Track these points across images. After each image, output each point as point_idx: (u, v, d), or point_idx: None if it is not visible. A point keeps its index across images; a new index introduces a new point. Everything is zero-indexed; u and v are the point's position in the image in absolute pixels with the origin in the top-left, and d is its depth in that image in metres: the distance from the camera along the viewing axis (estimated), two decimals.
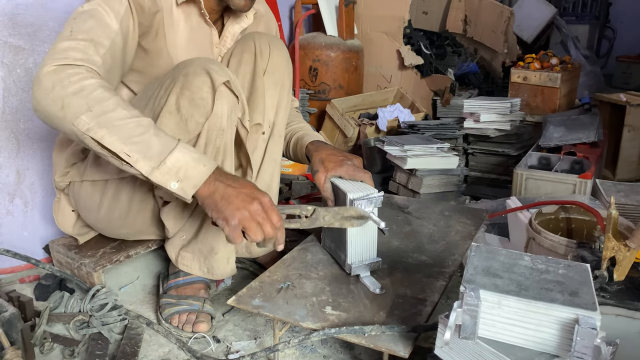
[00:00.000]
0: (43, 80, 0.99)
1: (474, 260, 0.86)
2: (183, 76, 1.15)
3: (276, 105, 1.36)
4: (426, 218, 1.48)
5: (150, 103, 1.19)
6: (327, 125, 2.65)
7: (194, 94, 1.14)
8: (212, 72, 1.14)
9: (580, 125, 2.11)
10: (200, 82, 1.14)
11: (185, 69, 1.16)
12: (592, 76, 3.80)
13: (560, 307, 0.73)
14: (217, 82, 1.14)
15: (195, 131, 1.17)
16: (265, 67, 1.33)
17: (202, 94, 1.15)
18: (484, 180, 2.26)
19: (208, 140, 1.19)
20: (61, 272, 1.40)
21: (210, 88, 1.15)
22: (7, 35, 1.43)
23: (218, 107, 1.16)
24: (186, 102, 1.15)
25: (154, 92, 1.20)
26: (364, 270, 1.17)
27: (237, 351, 1.20)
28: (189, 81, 1.14)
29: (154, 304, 1.39)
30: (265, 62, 1.33)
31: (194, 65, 1.15)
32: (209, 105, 1.16)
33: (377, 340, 0.96)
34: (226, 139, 1.21)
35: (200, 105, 1.15)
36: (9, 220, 1.53)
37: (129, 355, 1.16)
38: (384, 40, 2.97)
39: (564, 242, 1.24)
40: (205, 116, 1.16)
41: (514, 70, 2.62)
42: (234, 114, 1.21)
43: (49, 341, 1.19)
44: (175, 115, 1.15)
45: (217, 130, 1.18)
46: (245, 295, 1.11)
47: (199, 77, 1.14)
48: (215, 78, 1.14)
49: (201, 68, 1.15)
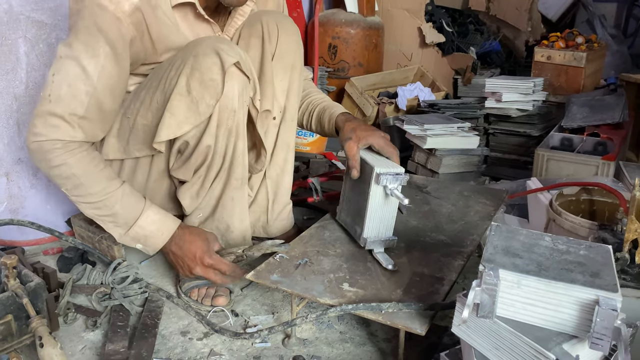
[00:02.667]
0: (31, 151, 1.17)
1: (493, 240, 0.85)
2: (193, 57, 1.14)
3: (287, 90, 1.34)
4: (445, 198, 1.48)
5: (162, 84, 1.18)
6: (346, 103, 2.63)
7: (203, 75, 1.13)
8: (221, 52, 1.13)
9: (605, 106, 2.06)
10: (210, 62, 1.13)
11: (194, 49, 1.14)
12: (618, 56, 3.71)
13: (581, 287, 0.73)
14: (227, 63, 1.13)
15: (206, 113, 1.17)
16: (274, 52, 1.31)
17: (212, 75, 1.13)
18: (504, 160, 2.24)
19: (220, 122, 1.19)
20: (83, 245, 1.42)
21: (220, 69, 1.13)
22: (30, 10, 1.44)
23: (229, 88, 1.15)
24: (196, 84, 1.14)
25: (164, 72, 1.19)
26: (379, 246, 1.18)
27: (255, 325, 1.22)
28: (199, 62, 1.13)
29: (173, 277, 1.41)
30: (273, 47, 1.31)
31: (204, 46, 1.14)
32: (219, 87, 1.15)
33: (394, 318, 0.96)
34: (238, 120, 1.21)
35: (210, 86, 1.14)
36: (33, 194, 1.56)
37: (150, 327, 1.18)
38: (405, 17, 2.93)
39: (585, 223, 1.22)
40: (216, 98, 1.16)
41: (538, 49, 2.56)
42: (245, 95, 1.20)
43: (73, 311, 1.22)
44: (186, 97, 1.15)
45: (228, 112, 1.18)
46: (263, 271, 1.12)
47: (209, 57, 1.13)
48: (225, 59, 1.13)
49: (211, 48, 1.13)
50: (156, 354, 1.12)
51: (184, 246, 1.23)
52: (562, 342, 0.73)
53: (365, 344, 1.16)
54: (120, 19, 1.11)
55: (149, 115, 1.21)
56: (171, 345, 1.15)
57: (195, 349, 1.14)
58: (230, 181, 1.26)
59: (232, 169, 1.25)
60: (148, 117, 1.21)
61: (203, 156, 1.23)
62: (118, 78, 1.17)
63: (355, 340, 1.17)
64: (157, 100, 1.19)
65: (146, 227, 1.23)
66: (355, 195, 1.24)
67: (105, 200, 1.19)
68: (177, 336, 1.18)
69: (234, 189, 1.27)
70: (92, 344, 1.16)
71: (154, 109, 1.20)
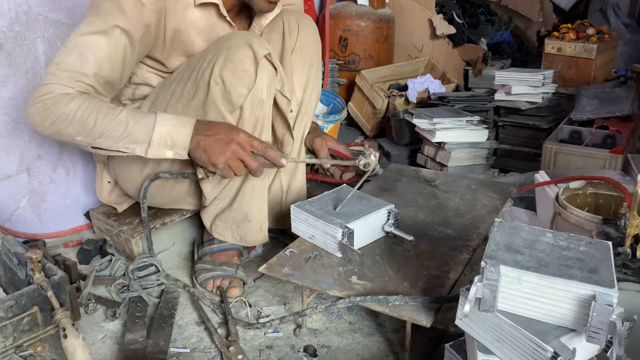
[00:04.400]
0: (33, 112, 1.12)
1: (496, 236, 0.88)
2: (226, 49, 1.18)
3: (304, 84, 1.39)
4: (453, 191, 1.50)
5: (194, 75, 1.23)
6: (357, 96, 2.65)
7: (237, 66, 1.18)
8: (254, 45, 1.18)
9: (615, 98, 2.07)
10: (243, 54, 1.18)
11: (228, 41, 1.20)
12: (632, 45, 3.67)
13: (578, 283, 0.75)
14: (259, 55, 1.19)
15: (238, 102, 1.22)
16: (294, 46, 1.36)
17: (245, 66, 1.19)
18: (514, 153, 2.25)
19: (251, 112, 1.24)
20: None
21: (252, 60, 1.19)
22: (48, 11, 1.48)
23: (259, 79, 1.21)
24: (229, 74, 1.19)
25: (196, 64, 1.23)
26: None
27: (268, 315, 1.26)
28: (232, 54, 1.18)
29: (189, 269, 1.46)
30: (293, 42, 1.36)
31: (237, 39, 1.20)
32: (252, 77, 1.20)
33: (401, 310, 1.00)
34: (265, 110, 1.26)
35: (243, 77, 1.19)
36: (53, 188, 1.61)
37: (167, 317, 1.23)
38: (415, 9, 2.93)
39: (590, 218, 1.24)
40: (248, 88, 1.21)
41: (548, 41, 2.56)
42: (272, 86, 1.25)
43: (93, 302, 1.27)
44: (221, 86, 1.20)
45: (257, 102, 1.23)
46: (275, 264, 1.16)
47: (242, 50, 1.18)
48: (257, 51, 1.18)
49: (243, 41, 1.19)
50: (173, 343, 1.17)
51: (214, 127, 1.17)
52: (560, 336, 0.76)
53: (373, 334, 1.21)
54: (145, 4, 1.15)
55: (179, 105, 1.25)
56: (187, 335, 1.20)
57: (210, 338, 1.19)
58: None
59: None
60: (178, 107, 1.25)
61: None
62: (129, 59, 1.19)
63: (364, 331, 1.21)
64: (189, 90, 1.24)
65: (167, 124, 1.15)
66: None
67: (116, 122, 1.13)
68: (192, 326, 1.23)
69: (255, 179, 1.30)
70: (112, 333, 1.21)
71: (185, 99, 1.24)
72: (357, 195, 1.30)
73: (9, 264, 1.15)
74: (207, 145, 1.15)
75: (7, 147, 1.48)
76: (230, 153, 1.14)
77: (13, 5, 1.41)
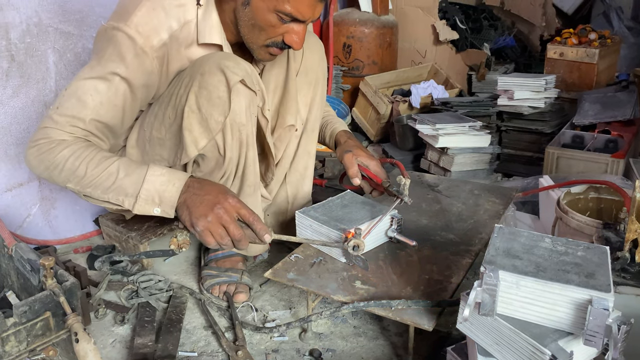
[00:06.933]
0: (29, 155, 1.15)
1: (495, 242, 0.90)
2: (200, 75, 1.16)
3: (309, 103, 1.41)
4: (455, 196, 1.53)
5: (172, 100, 1.22)
6: (361, 102, 2.68)
7: (211, 93, 1.17)
8: (226, 70, 1.15)
9: (617, 102, 2.09)
10: (216, 81, 1.16)
11: (201, 67, 1.17)
12: (635, 48, 3.68)
13: (575, 288, 0.78)
14: (233, 81, 1.16)
15: (216, 129, 1.20)
16: (299, 68, 1.37)
17: (219, 92, 1.17)
18: (517, 157, 2.27)
19: (232, 135, 1.22)
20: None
21: (226, 87, 1.16)
22: (58, 22, 1.52)
23: (235, 105, 1.19)
24: (205, 101, 1.17)
25: (175, 89, 1.22)
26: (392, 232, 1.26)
27: (273, 320, 1.29)
28: (206, 80, 1.16)
29: (196, 274, 1.49)
30: (298, 64, 1.37)
31: (209, 64, 1.16)
32: (227, 104, 1.18)
33: (404, 314, 1.02)
34: (247, 131, 1.24)
35: (217, 104, 1.18)
36: (63, 196, 1.64)
37: (175, 322, 1.26)
38: (418, 15, 2.96)
39: (590, 222, 1.26)
40: (224, 115, 1.19)
41: (550, 46, 2.58)
42: (252, 107, 1.23)
43: (103, 307, 1.30)
44: (197, 114, 1.19)
45: (237, 125, 1.22)
46: (280, 269, 1.19)
47: (215, 76, 1.16)
48: (230, 77, 1.16)
49: (216, 67, 1.16)
50: (181, 347, 1.20)
51: (206, 186, 1.11)
52: (558, 339, 0.78)
53: (378, 337, 1.23)
54: (147, 52, 1.15)
55: (162, 129, 1.26)
56: (195, 339, 1.23)
57: (218, 342, 1.21)
58: (244, 188, 1.31)
59: (244, 177, 1.30)
60: (162, 131, 1.26)
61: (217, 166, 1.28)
62: (129, 105, 1.20)
63: (369, 335, 1.24)
64: (169, 115, 1.23)
65: (155, 181, 1.11)
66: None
67: (106, 173, 1.11)
68: (200, 330, 1.26)
69: (247, 196, 1.31)
70: (122, 337, 1.24)
71: (167, 124, 1.24)
72: (361, 201, 1.33)
73: (22, 270, 1.18)
74: (192, 204, 1.08)
75: (19, 156, 1.51)
76: (213, 217, 1.05)
77: (24, 18, 1.44)
